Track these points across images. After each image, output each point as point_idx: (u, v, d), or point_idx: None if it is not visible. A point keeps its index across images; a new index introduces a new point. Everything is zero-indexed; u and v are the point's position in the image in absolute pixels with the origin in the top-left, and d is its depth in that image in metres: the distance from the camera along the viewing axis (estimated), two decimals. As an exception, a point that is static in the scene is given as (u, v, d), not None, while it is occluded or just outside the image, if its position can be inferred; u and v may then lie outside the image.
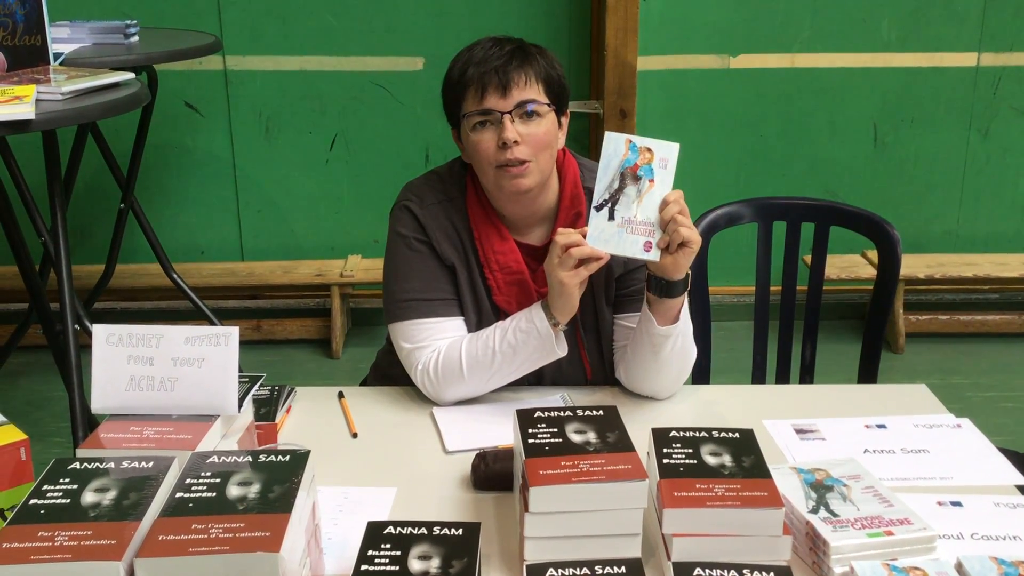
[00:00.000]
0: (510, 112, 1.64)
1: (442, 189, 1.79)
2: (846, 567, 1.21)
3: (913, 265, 3.84)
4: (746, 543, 1.20)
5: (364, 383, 2.03)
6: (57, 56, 2.58)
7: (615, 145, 1.58)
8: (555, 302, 1.63)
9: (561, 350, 1.68)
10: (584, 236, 1.58)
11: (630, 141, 1.57)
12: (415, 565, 1.11)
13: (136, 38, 3.02)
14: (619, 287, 1.80)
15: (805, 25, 3.79)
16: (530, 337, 1.65)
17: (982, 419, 1.74)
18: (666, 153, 1.57)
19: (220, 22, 3.71)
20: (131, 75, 2.46)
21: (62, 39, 2.86)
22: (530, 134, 1.65)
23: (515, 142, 1.64)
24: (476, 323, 1.77)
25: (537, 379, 1.80)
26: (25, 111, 2.07)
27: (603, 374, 1.83)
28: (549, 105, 1.69)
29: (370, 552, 1.14)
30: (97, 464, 1.16)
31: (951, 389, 3.48)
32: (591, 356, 1.81)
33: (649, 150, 1.56)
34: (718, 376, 2.17)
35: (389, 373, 1.87)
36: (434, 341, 1.73)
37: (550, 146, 1.69)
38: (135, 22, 3.05)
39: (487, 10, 3.78)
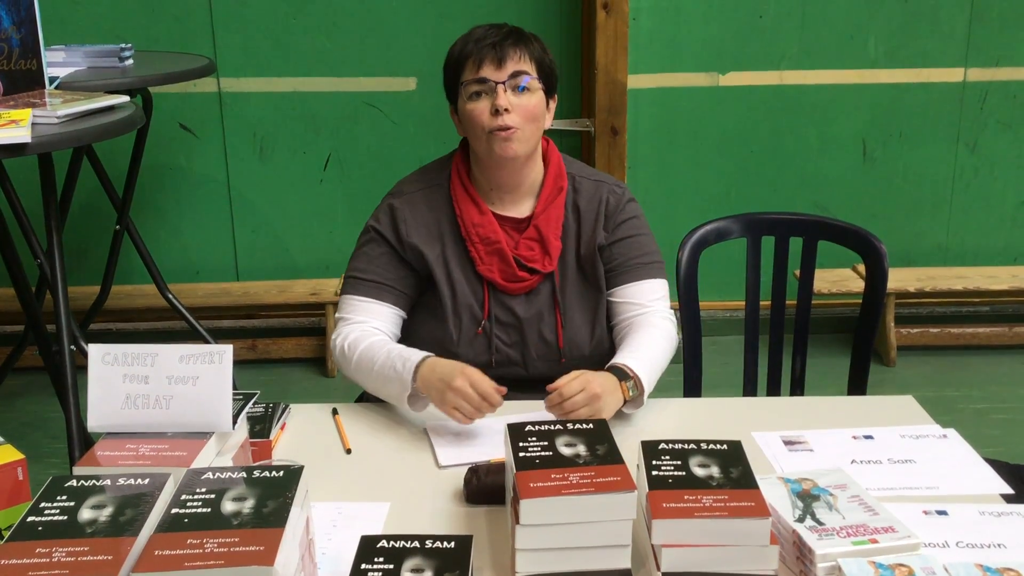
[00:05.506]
0: (503, 82, 1.79)
1: (425, 178, 1.94)
2: (832, 574, 1.23)
3: (904, 279, 3.86)
4: (734, 553, 1.21)
5: (364, 396, 2.05)
6: (53, 80, 2.61)
7: None
8: (429, 387, 1.68)
9: (415, 409, 1.74)
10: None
11: None
12: (408, 578, 1.12)
13: (131, 61, 3.04)
14: (604, 261, 1.90)
15: (793, 42, 3.82)
16: (393, 382, 1.73)
17: (973, 431, 1.76)
18: None
19: (214, 44, 3.74)
20: (126, 98, 2.48)
21: (58, 63, 2.89)
22: (520, 104, 1.80)
23: (506, 109, 1.78)
24: (450, 297, 1.86)
25: (524, 365, 1.89)
26: (21, 135, 2.09)
27: (581, 359, 1.87)
28: (539, 82, 1.83)
29: (363, 566, 1.15)
30: (94, 481, 1.18)
31: (942, 401, 3.49)
32: (570, 334, 1.88)
33: None
34: (710, 390, 2.19)
35: None
36: (355, 316, 1.86)
37: (538, 119, 1.83)
38: (130, 46, 3.07)
39: (478, 30, 3.81)
